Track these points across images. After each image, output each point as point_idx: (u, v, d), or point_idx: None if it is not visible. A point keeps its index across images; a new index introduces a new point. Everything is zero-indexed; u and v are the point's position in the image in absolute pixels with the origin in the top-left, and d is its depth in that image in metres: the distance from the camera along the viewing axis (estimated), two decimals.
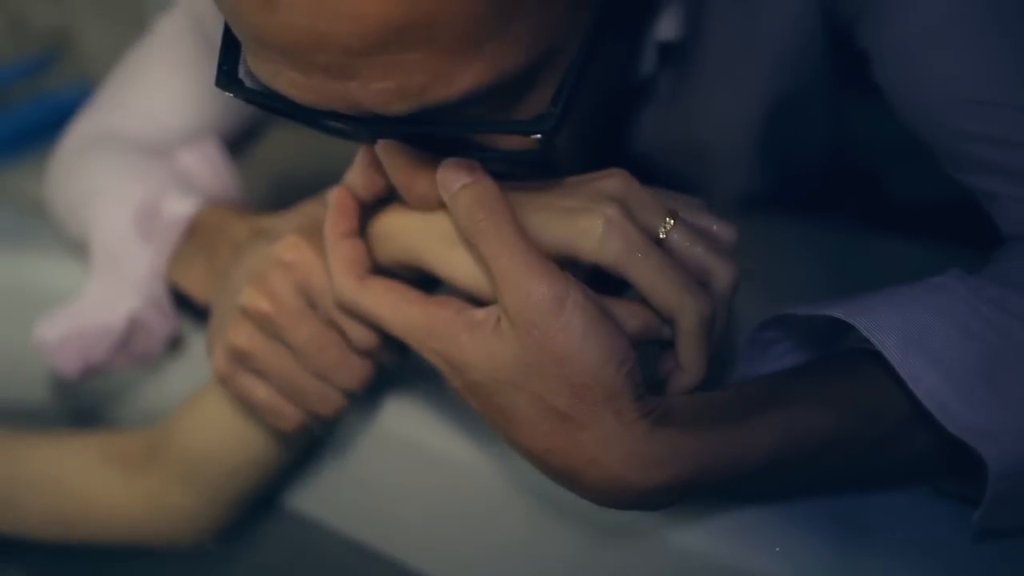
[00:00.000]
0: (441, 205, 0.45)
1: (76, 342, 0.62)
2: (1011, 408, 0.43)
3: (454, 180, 0.43)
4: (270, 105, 0.42)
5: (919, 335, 0.44)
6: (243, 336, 0.50)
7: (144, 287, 0.63)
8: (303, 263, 0.49)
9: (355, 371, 0.50)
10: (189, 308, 0.65)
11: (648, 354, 0.45)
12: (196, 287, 0.62)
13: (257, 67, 0.41)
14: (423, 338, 0.44)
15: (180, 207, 0.63)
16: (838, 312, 0.45)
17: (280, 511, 0.62)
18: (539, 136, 0.41)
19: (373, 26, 0.37)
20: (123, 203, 0.65)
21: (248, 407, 0.52)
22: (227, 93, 0.44)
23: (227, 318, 0.52)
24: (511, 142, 0.43)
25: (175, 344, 0.67)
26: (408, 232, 0.47)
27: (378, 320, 0.46)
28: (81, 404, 0.73)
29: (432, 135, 0.44)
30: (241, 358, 0.51)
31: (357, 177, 0.48)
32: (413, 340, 0.45)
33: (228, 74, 0.44)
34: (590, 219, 0.43)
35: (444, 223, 0.46)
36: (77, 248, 0.71)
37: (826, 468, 0.46)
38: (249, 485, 0.58)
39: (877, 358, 0.44)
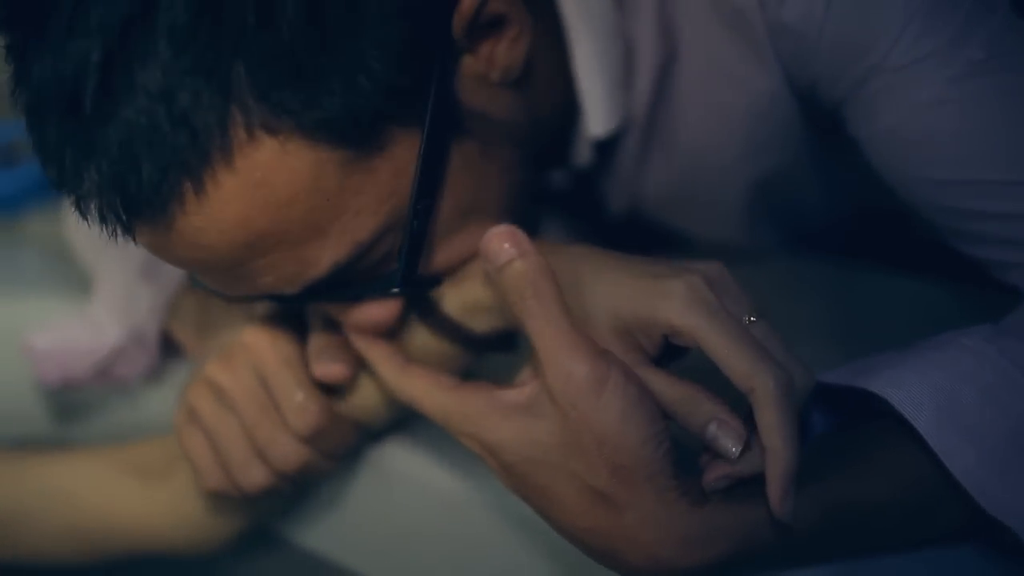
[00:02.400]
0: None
1: (60, 356, 0.67)
2: None
3: (500, 254, 0.44)
4: (215, 293, 0.49)
5: (951, 408, 0.44)
6: (198, 397, 0.54)
7: (135, 322, 0.67)
8: (259, 347, 0.53)
9: (287, 453, 0.53)
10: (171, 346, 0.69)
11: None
12: (189, 344, 0.66)
13: None
14: (459, 422, 0.46)
15: None
16: (871, 385, 0.45)
17: (281, 545, 0.63)
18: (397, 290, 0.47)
19: (225, 249, 0.44)
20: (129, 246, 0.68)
21: (186, 457, 0.56)
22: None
23: (193, 379, 0.56)
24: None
25: (153, 374, 0.70)
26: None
27: (417, 405, 0.48)
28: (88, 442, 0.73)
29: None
30: (191, 414, 0.54)
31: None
32: (449, 425, 0.46)
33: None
34: (673, 282, 0.44)
35: None
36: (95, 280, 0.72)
37: (866, 540, 0.46)
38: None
39: (908, 426, 0.44)
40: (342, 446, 0.55)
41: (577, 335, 0.43)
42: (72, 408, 0.73)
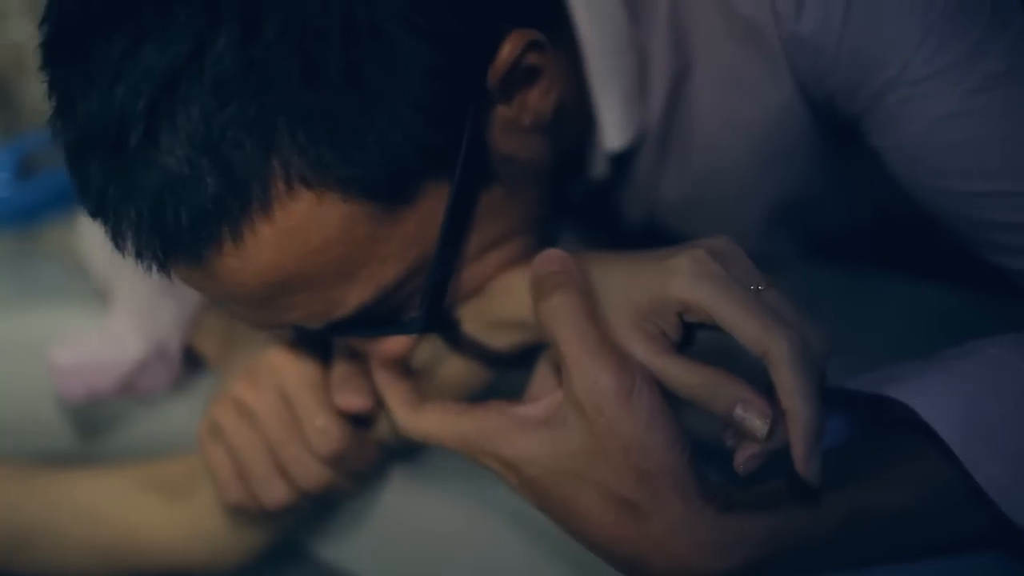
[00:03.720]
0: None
1: (83, 372, 0.67)
2: None
3: (545, 266, 0.46)
4: (244, 319, 0.50)
5: (977, 417, 0.44)
6: (222, 413, 0.55)
7: (158, 336, 0.67)
8: (284, 368, 0.54)
9: (309, 473, 0.53)
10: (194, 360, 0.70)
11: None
12: (214, 359, 0.67)
13: None
14: (478, 444, 0.46)
15: None
16: (896, 394, 0.45)
17: (303, 558, 0.64)
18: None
19: (258, 290, 0.45)
20: None
21: (208, 472, 0.56)
22: None
23: (219, 394, 0.56)
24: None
25: (177, 387, 0.71)
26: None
27: (435, 440, 0.48)
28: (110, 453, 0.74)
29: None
30: (215, 430, 0.55)
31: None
32: (468, 449, 0.47)
33: None
34: (678, 259, 0.44)
35: None
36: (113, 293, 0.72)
37: (888, 546, 0.46)
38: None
39: (933, 434, 0.44)
40: (363, 466, 0.56)
41: (605, 344, 0.43)
42: (93, 420, 0.74)
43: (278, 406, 0.54)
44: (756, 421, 0.42)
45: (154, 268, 0.46)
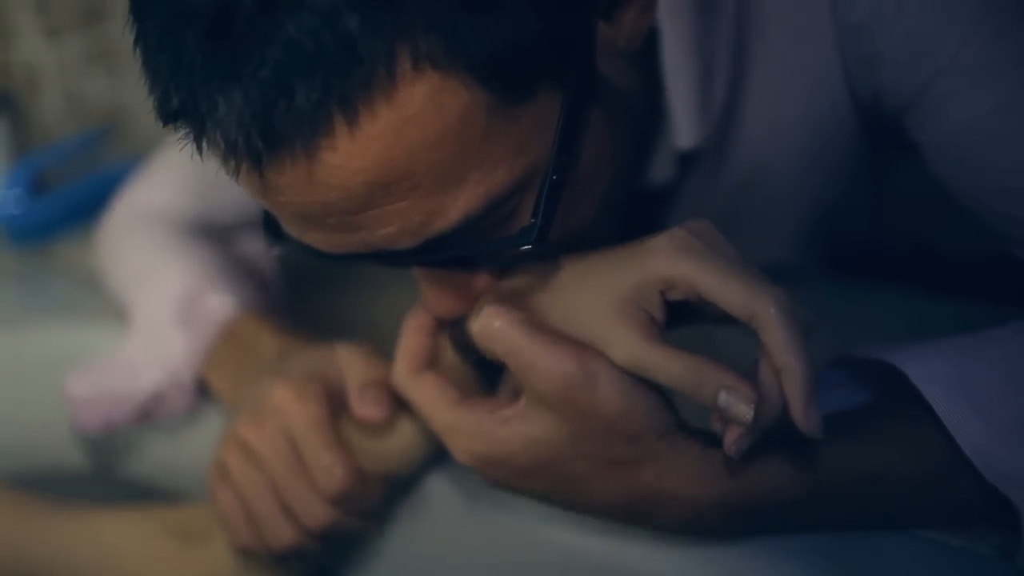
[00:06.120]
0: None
1: (101, 403, 0.67)
2: None
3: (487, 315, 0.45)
4: (308, 254, 0.46)
5: (967, 385, 0.45)
6: (228, 453, 0.54)
7: (171, 366, 0.67)
8: (288, 407, 0.53)
9: (315, 513, 0.53)
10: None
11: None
12: (224, 394, 0.66)
13: (285, 228, 0.46)
14: (462, 439, 0.47)
15: (220, 305, 0.67)
16: (892, 358, 0.47)
17: None
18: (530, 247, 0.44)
19: (359, 190, 0.41)
20: (168, 285, 0.69)
21: (218, 515, 0.56)
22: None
23: (227, 435, 0.56)
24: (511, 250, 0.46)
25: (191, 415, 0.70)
26: None
27: (419, 413, 0.48)
28: (122, 472, 0.74)
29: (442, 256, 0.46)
30: (222, 470, 0.55)
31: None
32: (449, 441, 0.47)
33: (273, 231, 0.47)
34: (657, 239, 0.44)
35: None
36: (128, 319, 0.72)
37: (871, 503, 0.48)
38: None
39: (926, 402, 0.46)
40: (370, 505, 0.55)
41: (553, 338, 0.44)
42: (104, 439, 0.73)
43: (282, 447, 0.53)
44: (741, 406, 0.41)
45: (244, 170, 0.41)
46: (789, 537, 0.49)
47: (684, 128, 0.56)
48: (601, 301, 0.44)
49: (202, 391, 0.68)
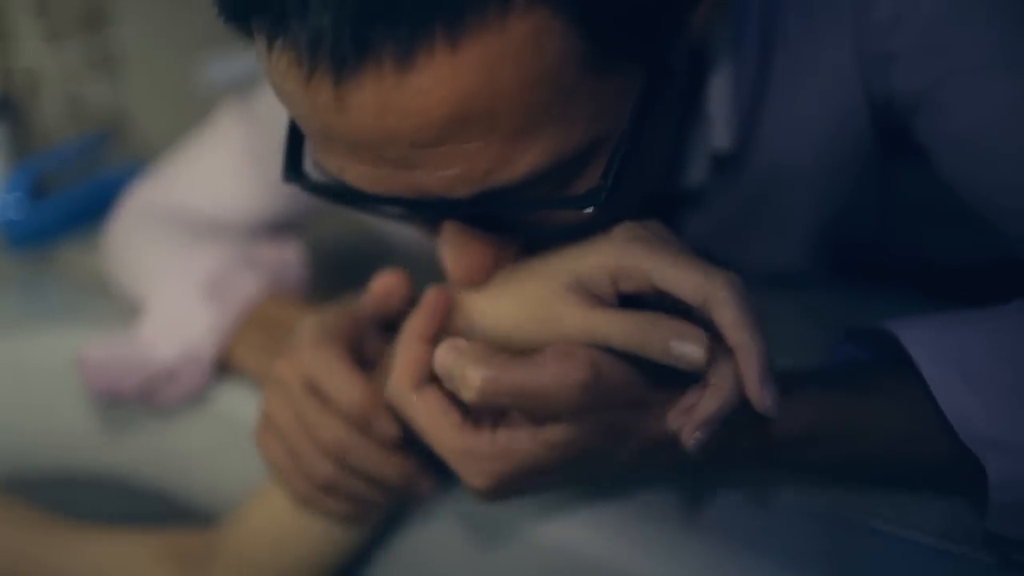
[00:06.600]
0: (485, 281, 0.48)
1: (111, 369, 0.67)
2: None
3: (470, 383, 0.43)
4: (335, 196, 0.44)
5: (952, 348, 0.46)
6: (268, 400, 0.54)
7: (190, 341, 0.66)
8: (307, 346, 0.52)
9: (337, 436, 0.51)
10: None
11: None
12: (254, 370, 0.66)
13: (325, 161, 0.43)
14: (477, 462, 0.45)
15: (249, 283, 0.68)
16: (891, 325, 0.48)
17: None
18: (591, 209, 0.42)
19: (438, 120, 0.38)
20: (193, 269, 0.69)
21: (267, 468, 0.55)
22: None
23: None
24: (563, 215, 0.45)
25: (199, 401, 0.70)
26: None
27: (421, 432, 0.47)
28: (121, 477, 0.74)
29: (490, 214, 0.45)
30: (266, 419, 0.54)
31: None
32: (461, 465, 0.46)
33: (293, 168, 0.46)
34: (604, 236, 0.45)
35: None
36: (135, 321, 0.72)
37: (859, 448, 0.48)
38: None
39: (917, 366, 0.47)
40: (390, 436, 0.53)
41: (541, 359, 0.43)
42: (103, 441, 0.74)
43: (304, 380, 0.52)
44: (692, 347, 0.41)
45: (316, 79, 0.38)
46: (789, 539, 0.50)
47: (722, 128, 0.56)
48: (555, 277, 0.45)
49: (217, 375, 0.68)
